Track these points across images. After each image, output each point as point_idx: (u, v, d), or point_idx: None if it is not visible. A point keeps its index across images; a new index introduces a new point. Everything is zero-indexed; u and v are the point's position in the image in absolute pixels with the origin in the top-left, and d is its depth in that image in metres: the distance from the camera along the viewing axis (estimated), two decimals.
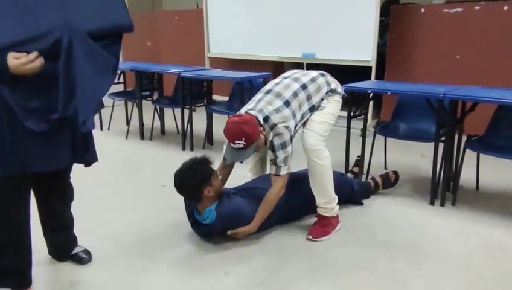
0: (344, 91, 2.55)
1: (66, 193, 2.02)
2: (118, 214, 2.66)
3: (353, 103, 3.08)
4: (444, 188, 2.76)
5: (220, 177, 2.34)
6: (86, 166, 1.94)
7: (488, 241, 2.30)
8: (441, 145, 2.73)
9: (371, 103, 4.63)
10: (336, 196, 2.42)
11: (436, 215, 2.61)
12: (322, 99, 2.38)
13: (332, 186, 2.39)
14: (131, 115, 4.59)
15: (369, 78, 4.47)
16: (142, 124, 4.33)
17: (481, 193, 2.98)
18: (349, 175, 3.05)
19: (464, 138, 2.81)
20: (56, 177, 1.90)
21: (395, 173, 2.94)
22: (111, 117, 4.66)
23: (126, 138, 4.39)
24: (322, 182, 2.35)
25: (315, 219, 2.46)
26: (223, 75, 3.86)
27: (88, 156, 1.93)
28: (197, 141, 4.07)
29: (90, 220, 2.52)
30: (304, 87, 2.31)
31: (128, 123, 4.56)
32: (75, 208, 2.08)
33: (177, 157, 3.67)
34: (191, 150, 3.96)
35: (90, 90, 1.60)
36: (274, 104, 2.23)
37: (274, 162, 2.21)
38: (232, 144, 2.15)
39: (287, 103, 2.23)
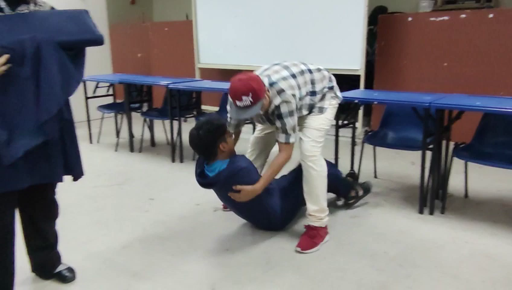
0: None
1: (51, 210, 1.99)
2: (104, 229, 2.62)
3: (341, 112, 3.08)
4: (432, 197, 2.75)
5: (232, 135, 2.36)
6: (73, 180, 1.92)
7: (477, 250, 2.29)
8: (429, 154, 2.73)
9: (360, 112, 4.72)
10: (327, 208, 2.41)
11: (425, 224, 2.60)
12: (323, 95, 2.39)
13: (325, 196, 2.39)
14: (120, 127, 4.56)
15: (358, 87, 4.49)
16: (131, 137, 4.30)
17: (470, 200, 2.98)
18: None
19: (452, 146, 2.82)
20: (41, 193, 1.87)
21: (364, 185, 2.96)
22: (100, 130, 4.62)
23: (115, 150, 4.36)
24: (315, 189, 2.34)
25: (304, 227, 2.44)
26: (212, 86, 3.85)
27: (75, 170, 1.90)
28: (187, 152, 4.05)
29: (75, 236, 2.49)
30: (310, 71, 2.35)
31: (117, 136, 4.53)
32: (60, 223, 2.05)
33: (167, 170, 3.68)
34: (181, 161, 3.94)
35: (54, 95, 1.63)
36: (281, 73, 2.24)
37: (283, 130, 2.21)
38: (238, 102, 2.08)
39: (293, 76, 2.25)
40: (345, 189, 2.82)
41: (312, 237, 2.36)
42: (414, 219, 2.70)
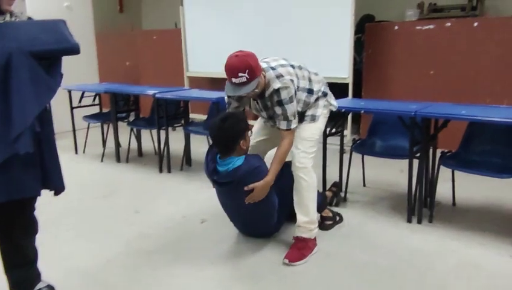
0: None
1: (30, 226, 1.93)
2: (87, 243, 2.56)
3: (330, 121, 3.07)
4: (420, 206, 2.75)
5: (250, 135, 2.35)
6: (54, 195, 1.86)
7: (465, 260, 2.28)
8: (416, 162, 2.72)
9: (349, 120, 4.72)
10: (317, 220, 2.39)
11: (413, 234, 2.59)
12: (317, 99, 2.39)
13: (315, 207, 2.38)
14: (106, 137, 4.50)
15: (347, 95, 4.50)
16: (117, 147, 4.25)
17: (458, 208, 2.98)
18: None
19: (440, 154, 2.81)
20: (19, 209, 1.81)
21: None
22: (86, 140, 4.55)
23: (101, 161, 4.29)
24: (305, 200, 2.34)
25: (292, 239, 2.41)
26: (199, 95, 3.83)
27: (55, 185, 1.85)
28: (176, 161, 4.01)
29: (56, 251, 2.42)
30: (308, 70, 2.39)
31: (104, 146, 4.46)
32: (41, 238, 1.98)
33: (154, 181, 3.62)
34: (169, 171, 3.89)
35: (26, 106, 1.59)
36: (279, 61, 2.27)
37: (285, 116, 2.20)
38: (234, 79, 2.06)
39: (292, 66, 2.28)
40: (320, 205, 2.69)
41: (300, 249, 2.33)
42: (403, 228, 2.68)
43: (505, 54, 4.04)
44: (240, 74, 2.04)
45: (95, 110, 4.69)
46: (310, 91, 2.35)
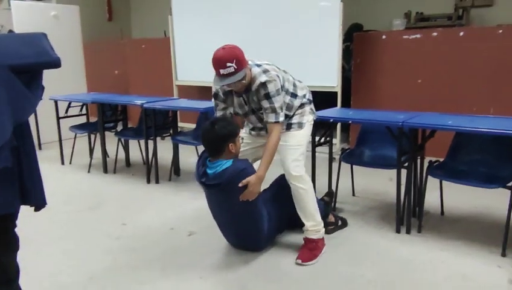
0: None
1: (11, 243, 1.87)
2: (71, 259, 2.49)
3: (318, 130, 3.07)
4: (409, 216, 2.74)
5: (242, 141, 2.39)
6: (35, 211, 1.81)
7: (454, 271, 2.27)
8: (404, 172, 2.72)
9: (338, 129, 4.73)
10: (321, 220, 2.47)
11: (402, 245, 2.58)
12: (302, 105, 2.46)
13: (317, 208, 2.46)
14: (93, 147, 4.44)
15: (336, 104, 4.51)
16: (105, 157, 4.19)
17: (446, 217, 2.98)
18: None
19: (428, 163, 2.82)
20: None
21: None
22: (73, 150, 4.49)
23: (88, 171, 4.23)
24: (308, 207, 2.41)
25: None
26: (188, 105, 3.80)
27: (35, 200, 1.80)
28: (164, 172, 3.97)
29: (39, 268, 2.36)
30: (292, 77, 2.50)
31: (91, 156, 4.39)
32: (24, 254, 1.91)
33: (141, 192, 3.57)
34: (157, 182, 3.84)
35: (4, 121, 1.54)
36: (264, 62, 2.37)
37: (272, 109, 2.26)
38: (222, 70, 2.15)
39: (277, 68, 2.38)
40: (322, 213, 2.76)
41: (312, 250, 2.42)
42: (391, 238, 2.67)
43: (490, 63, 4.09)
44: (228, 64, 2.13)
45: (83, 120, 4.64)
46: (294, 95, 2.43)
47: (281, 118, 2.29)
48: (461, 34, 4.24)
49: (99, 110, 4.04)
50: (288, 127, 2.44)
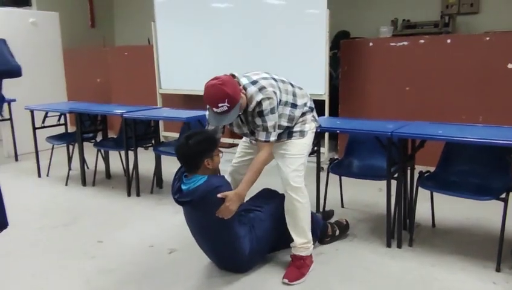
0: None
1: None
2: (40, 282, 2.31)
3: None
4: (400, 229, 2.64)
5: (221, 155, 2.26)
6: None
7: (447, 288, 2.16)
8: (394, 182, 2.62)
9: (326, 138, 4.63)
10: (311, 237, 2.34)
11: (393, 260, 2.46)
12: (304, 114, 2.34)
13: (309, 226, 2.32)
14: (71, 158, 4.25)
15: (324, 112, 4.41)
16: (83, 169, 4.01)
17: (438, 229, 2.89)
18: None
19: (418, 174, 2.72)
20: None
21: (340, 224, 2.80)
22: (50, 162, 4.29)
23: (66, 184, 4.04)
24: (300, 222, 2.28)
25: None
26: (170, 115, 3.66)
27: None
28: (146, 184, 3.80)
29: None
30: (291, 84, 2.34)
31: (69, 168, 4.20)
32: None
33: (121, 205, 3.39)
34: (138, 195, 3.68)
35: None
36: (261, 75, 2.22)
37: (264, 128, 2.13)
38: (215, 109, 2.03)
39: (274, 79, 2.23)
40: (322, 229, 2.63)
41: (299, 267, 2.29)
42: (382, 253, 2.56)
43: (478, 71, 4.04)
44: (220, 104, 2.00)
45: (62, 130, 4.45)
46: (294, 106, 2.29)
47: (272, 138, 2.16)
48: (448, 41, 4.19)
49: (77, 120, 3.87)
50: (290, 135, 2.32)
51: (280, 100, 2.20)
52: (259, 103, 2.10)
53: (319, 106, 4.44)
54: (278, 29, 4.68)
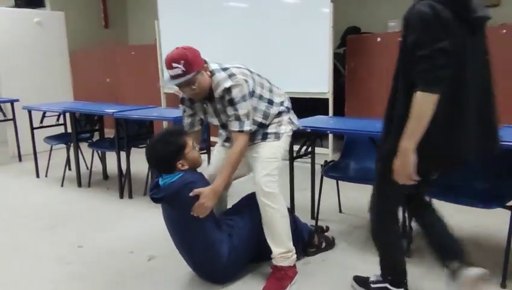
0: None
1: None
2: (10, 287, 2.22)
3: (297, 141, 2.79)
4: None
5: (197, 148, 2.12)
6: None
7: None
8: None
9: (330, 138, 4.42)
10: (293, 247, 2.15)
11: None
12: (280, 114, 2.22)
13: (289, 234, 2.14)
14: (68, 159, 4.20)
15: (327, 111, 4.21)
16: (78, 170, 3.94)
17: None
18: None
19: None
20: None
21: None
22: (48, 162, 4.25)
23: (62, 185, 3.98)
24: (276, 230, 2.10)
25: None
26: (161, 114, 3.54)
27: None
28: (140, 185, 3.70)
29: None
30: (268, 81, 2.26)
31: (66, 169, 4.14)
32: None
33: (112, 208, 3.29)
34: (130, 197, 3.58)
35: None
36: (235, 64, 2.14)
37: (237, 117, 2.03)
38: (169, 71, 1.97)
39: (249, 71, 2.13)
40: (309, 238, 2.45)
41: (279, 279, 2.10)
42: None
43: (495, 65, 3.74)
44: (175, 65, 1.94)
45: (59, 130, 4.41)
46: (270, 102, 2.19)
47: (246, 127, 2.04)
48: None
49: (71, 120, 3.81)
50: (264, 137, 2.18)
51: (254, 91, 2.09)
52: (229, 90, 2.00)
53: (322, 104, 4.28)
54: (282, 25, 4.50)
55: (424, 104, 1.48)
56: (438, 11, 1.46)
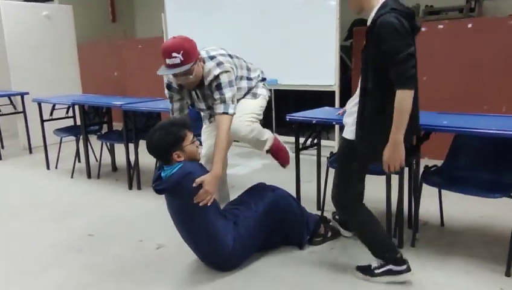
0: (288, 121, 2.70)
1: None
2: (22, 276, 2.27)
3: (303, 132, 2.82)
4: (401, 228, 2.44)
5: (197, 143, 2.18)
6: None
7: None
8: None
9: (337, 131, 4.42)
10: (269, 138, 2.57)
11: None
12: (257, 83, 2.56)
13: (268, 134, 2.57)
14: (78, 151, 4.26)
15: (334, 103, 4.22)
16: (88, 162, 4.00)
17: (447, 229, 2.66)
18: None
19: (424, 168, 2.50)
20: None
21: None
22: (58, 154, 4.32)
23: (71, 177, 4.05)
24: (262, 137, 2.52)
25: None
26: (166, 106, 3.56)
27: None
28: (149, 176, 3.74)
29: None
30: (244, 60, 2.52)
31: (76, 161, 4.20)
32: None
33: (120, 199, 3.34)
34: (138, 188, 3.63)
35: None
36: (219, 51, 2.34)
37: (222, 100, 2.20)
38: (167, 60, 2.08)
39: (230, 56, 2.36)
40: (315, 226, 2.49)
41: (277, 152, 2.63)
42: None
43: (502, 57, 3.73)
44: (174, 54, 2.05)
45: (69, 123, 4.47)
46: (249, 79, 2.51)
47: (231, 110, 2.22)
48: (470, 26, 3.89)
49: (80, 112, 3.87)
50: (244, 96, 2.49)
51: (237, 76, 2.30)
52: (217, 77, 2.19)
53: (329, 97, 4.28)
54: (289, 17, 4.50)
55: (405, 100, 1.77)
56: (402, 22, 1.74)
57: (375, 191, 3.39)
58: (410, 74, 1.77)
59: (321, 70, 4.32)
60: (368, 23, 1.85)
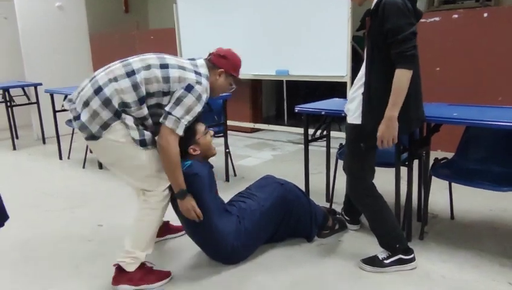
0: (297, 112, 2.70)
1: None
2: (32, 267, 2.30)
3: (312, 124, 2.80)
4: (409, 221, 2.41)
5: (210, 133, 2.18)
6: None
7: (453, 288, 1.95)
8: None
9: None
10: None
11: None
12: None
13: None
14: None
15: (345, 94, 4.17)
16: None
17: (456, 222, 2.63)
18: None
19: (433, 160, 2.47)
20: None
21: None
22: (70, 145, 4.39)
23: (83, 167, 4.11)
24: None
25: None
26: None
27: None
28: None
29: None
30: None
31: (86, 151, 4.26)
32: None
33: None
34: None
35: None
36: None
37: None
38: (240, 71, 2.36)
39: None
40: (323, 220, 2.48)
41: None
42: None
43: None
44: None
45: None
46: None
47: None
48: (485, 15, 3.79)
49: None
50: None
51: None
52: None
53: (342, 88, 4.24)
54: (301, 7, 4.44)
55: (403, 80, 1.80)
56: (405, 2, 1.79)
57: (384, 183, 3.35)
58: (411, 53, 1.78)
59: (333, 61, 4.27)
60: (371, 7, 1.89)
